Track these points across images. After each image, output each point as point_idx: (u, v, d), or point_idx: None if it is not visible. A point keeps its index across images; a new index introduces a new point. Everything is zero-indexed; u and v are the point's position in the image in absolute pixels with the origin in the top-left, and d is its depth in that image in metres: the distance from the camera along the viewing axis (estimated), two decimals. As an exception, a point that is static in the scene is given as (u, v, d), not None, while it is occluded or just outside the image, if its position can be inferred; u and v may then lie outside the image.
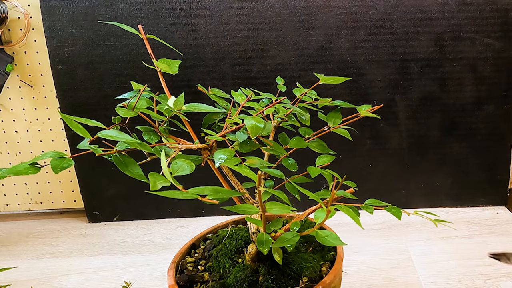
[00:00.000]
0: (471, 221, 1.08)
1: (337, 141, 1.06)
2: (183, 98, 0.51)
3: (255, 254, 0.56)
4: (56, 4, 0.99)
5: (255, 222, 0.53)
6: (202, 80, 1.05)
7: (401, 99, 1.07)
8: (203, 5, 1.00)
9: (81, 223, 1.18)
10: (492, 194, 1.15)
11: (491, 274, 0.85)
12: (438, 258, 0.91)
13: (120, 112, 0.49)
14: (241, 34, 1.02)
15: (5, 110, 1.12)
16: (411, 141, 1.11)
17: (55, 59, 1.03)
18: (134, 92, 0.53)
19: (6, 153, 1.16)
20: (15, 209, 1.22)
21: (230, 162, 0.47)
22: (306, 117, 0.62)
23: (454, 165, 1.13)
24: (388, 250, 0.96)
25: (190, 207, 1.17)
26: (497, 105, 1.07)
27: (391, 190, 1.15)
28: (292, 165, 0.58)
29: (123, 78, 1.04)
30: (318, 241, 0.49)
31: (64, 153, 0.41)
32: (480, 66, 1.04)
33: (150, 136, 0.50)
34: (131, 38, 1.02)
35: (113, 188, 1.14)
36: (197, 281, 0.58)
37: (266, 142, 0.54)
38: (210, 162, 0.53)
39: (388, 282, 0.84)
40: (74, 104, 1.06)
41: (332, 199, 0.50)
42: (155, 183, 0.41)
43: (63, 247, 1.05)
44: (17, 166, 0.39)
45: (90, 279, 0.90)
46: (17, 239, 1.10)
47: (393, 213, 0.55)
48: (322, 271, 0.58)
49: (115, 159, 0.43)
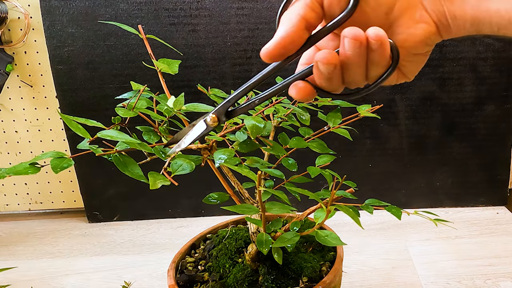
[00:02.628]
0: (471, 221, 1.08)
1: (337, 141, 1.06)
2: (183, 98, 0.51)
3: (255, 254, 0.56)
4: (56, 4, 0.99)
5: (255, 222, 0.53)
6: (202, 80, 1.05)
7: (401, 99, 1.07)
8: (203, 5, 1.00)
9: (81, 223, 1.18)
10: (492, 194, 1.15)
11: (491, 274, 0.85)
12: (438, 258, 0.91)
13: (120, 112, 0.49)
14: (241, 34, 1.02)
15: (5, 110, 1.12)
16: (411, 141, 1.11)
17: (55, 59, 1.03)
18: (134, 92, 0.53)
19: (6, 153, 1.16)
20: (15, 209, 1.22)
21: (230, 162, 0.47)
22: (306, 117, 0.62)
23: (454, 165, 1.13)
24: (388, 250, 0.96)
25: (190, 207, 1.17)
26: (497, 105, 1.07)
27: (391, 190, 1.15)
28: (292, 165, 0.58)
29: (123, 78, 1.04)
30: (318, 241, 0.49)
31: (64, 153, 0.41)
32: (480, 66, 1.04)
33: (150, 136, 0.50)
34: (131, 38, 1.02)
35: (113, 188, 1.14)
36: (197, 281, 0.58)
37: (266, 142, 0.54)
38: (210, 162, 0.53)
39: (388, 282, 0.84)
40: (74, 104, 1.06)
41: (332, 199, 0.50)
42: (155, 182, 0.41)
43: (63, 247, 1.05)
44: (17, 166, 0.39)
45: (90, 279, 0.90)
46: (17, 239, 1.10)
47: (393, 212, 0.55)
48: (322, 271, 0.58)
49: (115, 159, 0.43)
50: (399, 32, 0.34)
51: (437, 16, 0.33)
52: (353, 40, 0.31)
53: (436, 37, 0.34)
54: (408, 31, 0.33)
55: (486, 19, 0.31)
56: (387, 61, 0.33)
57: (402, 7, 0.33)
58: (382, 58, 0.33)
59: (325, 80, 0.34)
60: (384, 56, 0.33)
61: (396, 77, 0.37)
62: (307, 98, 0.36)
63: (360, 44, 0.32)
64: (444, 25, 0.33)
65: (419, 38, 0.33)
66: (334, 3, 0.33)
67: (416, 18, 0.33)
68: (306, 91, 0.35)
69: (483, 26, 0.32)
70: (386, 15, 0.33)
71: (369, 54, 0.33)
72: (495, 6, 0.30)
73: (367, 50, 0.32)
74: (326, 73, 0.33)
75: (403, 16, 0.33)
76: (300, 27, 0.33)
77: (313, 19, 0.34)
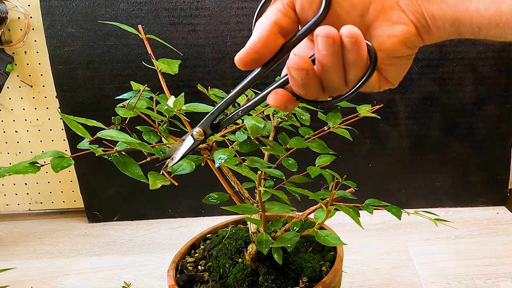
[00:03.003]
0: (471, 221, 1.08)
1: (337, 141, 1.06)
2: (183, 98, 0.51)
3: (255, 254, 0.56)
4: (56, 4, 0.99)
5: (255, 222, 0.53)
6: (202, 80, 1.05)
7: (401, 99, 1.07)
8: (203, 5, 1.00)
9: (81, 223, 1.18)
10: (492, 194, 1.15)
11: (491, 274, 0.85)
12: (438, 258, 0.91)
13: (120, 112, 0.49)
14: (241, 34, 1.02)
15: (5, 110, 1.12)
16: (411, 141, 1.11)
17: (55, 59, 1.03)
18: (134, 92, 0.53)
19: (6, 153, 1.16)
20: (15, 209, 1.22)
21: (230, 162, 0.47)
22: (306, 117, 0.62)
23: (454, 165, 1.13)
24: (388, 250, 0.96)
25: (190, 207, 1.17)
26: (497, 105, 1.07)
27: (391, 190, 1.15)
28: (292, 165, 0.58)
29: (123, 78, 1.04)
30: (318, 241, 0.49)
31: (64, 153, 0.41)
32: (480, 66, 1.04)
33: (150, 136, 0.50)
34: (131, 38, 1.02)
35: (113, 188, 1.14)
36: (197, 281, 0.58)
37: (266, 142, 0.54)
38: (210, 162, 0.53)
39: (388, 282, 0.84)
40: (74, 104, 1.06)
41: (332, 199, 0.50)
42: (154, 182, 0.41)
43: (63, 247, 1.05)
44: (17, 165, 0.39)
45: (90, 279, 0.90)
46: (17, 239, 1.10)
47: (393, 212, 0.55)
48: (322, 271, 0.58)
49: (115, 159, 0.43)
50: (377, 35, 0.33)
51: (415, 16, 0.32)
52: (325, 38, 0.30)
53: (416, 39, 0.33)
54: (386, 32, 0.32)
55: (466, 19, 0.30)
56: (365, 62, 0.32)
57: (377, 8, 0.32)
58: (358, 58, 0.32)
59: (300, 87, 0.33)
60: (360, 56, 0.31)
61: (378, 83, 0.36)
62: (286, 106, 0.35)
63: (333, 42, 0.30)
64: (424, 26, 0.32)
65: (398, 39, 0.32)
66: (305, 7, 0.32)
67: (393, 19, 0.32)
68: (284, 98, 0.34)
69: (464, 27, 0.31)
70: (362, 18, 0.32)
71: (344, 54, 0.32)
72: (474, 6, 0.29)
73: (342, 49, 0.31)
74: (300, 80, 0.32)
75: (379, 18, 0.32)
76: (273, 31, 0.33)
77: (287, 24, 0.33)
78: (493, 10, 0.29)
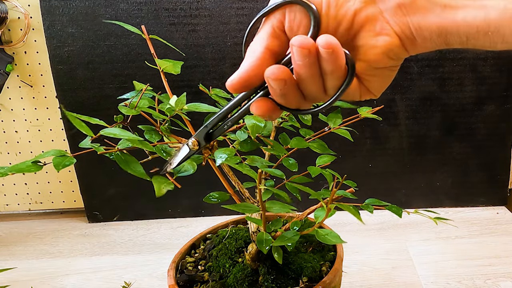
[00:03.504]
0: (471, 221, 1.08)
1: (337, 142, 1.06)
2: (185, 98, 0.51)
3: (255, 254, 0.56)
4: (56, 4, 0.99)
5: (255, 221, 0.53)
6: (202, 80, 1.05)
7: (401, 99, 1.07)
8: (203, 5, 1.00)
9: (81, 223, 1.18)
10: (492, 194, 1.15)
11: (491, 274, 0.85)
12: (438, 258, 0.92)
13: (123, 110, 0.49)
14: (241, 34, 1.02)
15: (5, 110, 1.12)
16: (411, 141, 1.11)
17: (55, 59, 1.03)
18: (135, 92, 0.53)
19: (6, 153, 1.16)
20: (15, 209, 1.22)
21: (231, 160, 0.47)
22: (306, 118, 0.62)
23: (454, 165, 1.13)
24: (388, 250, 0.96)
25: (190, 207, 1.17)
26: (497, 105, 1.07)
27: (391, 190, 1.15)
28: (292, 165, 0.58)
29: (123, 78, 1.04)
30: (318, 239, 0.49)
31: (65, 152, 0.41)
32: (480, 66, 1.05)
33: (151, 135, 0.50)
34: (131, 38, 1.02)
35: (113, 188, 1.14)
36: (197, 281, 0.58)
37: (267, 142, 0.54)
38: (211, 161, 0.53)
39: (388, 282, 0.84)
40: (74, 104, 1.06)
41: (332, 198, 0.50)
42: (160, 188, 0.41)
43: (63, 247, 1.05)
44: (19, 164, 0.39)
45: (90, 279, 0.90)
46: (17, 239, 1.10)
47: (393, 211, 0.55)
48: (322, 271, 0.58)
49: (116, 157, 0.43)
50: (360, 45, 0.33)
51: (400, 27, 0.31)
52: (300, 49, 0.30)
53: (400, 50, 0.32)
54: (369, 43, 0.32)
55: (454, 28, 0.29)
56: (343, 72, 0.32)
57: (361, 20, 0.32)
58: (336, 68, 0.31)
59: (279, 96, 0.33)
60: (338, 66, 0.31)
61: (359, 92, 0.35)
62: (269, 115, 0.35)
63: (308, 52, 0.30)
64: (408, 37, 0.31)
65: (380, 50, 0.32)
66: (294, 29, 0.33)
67: (376, 30, 0.32)
68: (267, 108, 0.34)
69: (451, 37, 0.30)
70: (348, 31, 0.32)
71: (321, 64, 0.31)
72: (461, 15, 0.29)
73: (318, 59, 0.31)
74: (278, 90, 0.32)
75: (363, 29, 0.32)
76: (265, 58, 0.33)
77: (278, 47, 0.33)
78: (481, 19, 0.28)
